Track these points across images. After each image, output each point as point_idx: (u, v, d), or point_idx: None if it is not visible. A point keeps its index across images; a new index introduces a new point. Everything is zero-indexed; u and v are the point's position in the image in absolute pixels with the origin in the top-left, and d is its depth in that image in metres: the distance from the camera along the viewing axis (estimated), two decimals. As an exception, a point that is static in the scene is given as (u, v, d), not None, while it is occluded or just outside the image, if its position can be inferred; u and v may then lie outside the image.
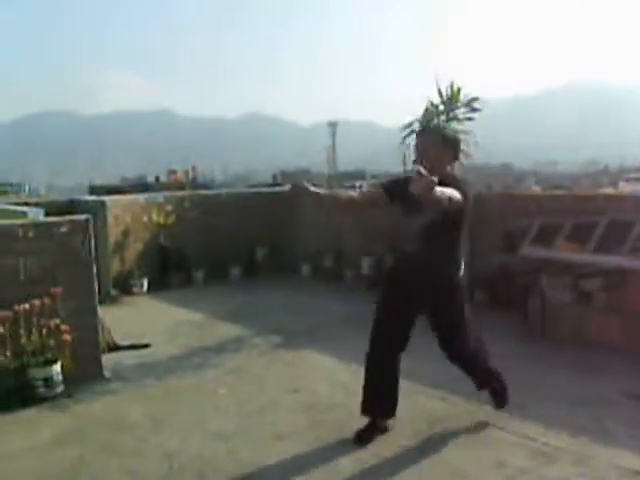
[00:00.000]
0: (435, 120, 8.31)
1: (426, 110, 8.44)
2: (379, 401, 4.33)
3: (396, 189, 4.12)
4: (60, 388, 5.22)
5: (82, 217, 5.70)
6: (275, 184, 25.83)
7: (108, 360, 5.96)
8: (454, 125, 8.39)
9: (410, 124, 8.52)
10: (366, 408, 4.34)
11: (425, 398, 4.95)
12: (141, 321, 7.87)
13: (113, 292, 9.02)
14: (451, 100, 8.26)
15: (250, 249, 10.79)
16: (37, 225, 5.50)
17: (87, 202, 9.82)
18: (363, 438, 4.22)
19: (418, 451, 4.08)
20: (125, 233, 9.71)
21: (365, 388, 4.35)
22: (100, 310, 5.90)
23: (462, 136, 8.38)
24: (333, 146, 60.46)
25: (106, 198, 9.83)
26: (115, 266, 9.49)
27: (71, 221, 5.59)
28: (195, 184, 29.32)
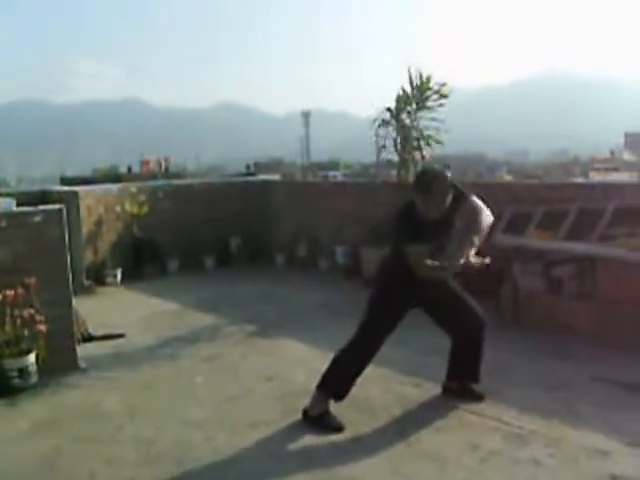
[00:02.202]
0: (407, 109, 8.38)
1: (397, 100, 8.51)
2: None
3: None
4: (35, 378, 5.20)
5: (55, 207, 5.67)
6: (248, 174, 25.72)
7: (83, 350, 5.95)
8: (424, 114, 8.48)
9: (384, 113, 8.59)
10: (345, 394, 4.42)
11: (399, 385, 5.00)
12: (115, 311, 7.85)
13: (86, 283, 8.96)
14: (421, 88, 8.33)
15: (224, 239, 10.78)
16: (10, 215, 5.46)
17: (59, 192, 9.73)
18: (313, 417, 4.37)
19: (394, 436, 4.14)
20: (98, 223, 9.65)
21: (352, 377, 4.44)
22: (74, 300, 5.87)
23: (434, 124, 8.50)
24: (307, 136, 60.48)
25: (78, 188, 9.75)
26: (88, 257, 9.43)
27: (44, 211, 5.56)
28: (168, 174, 29.12)
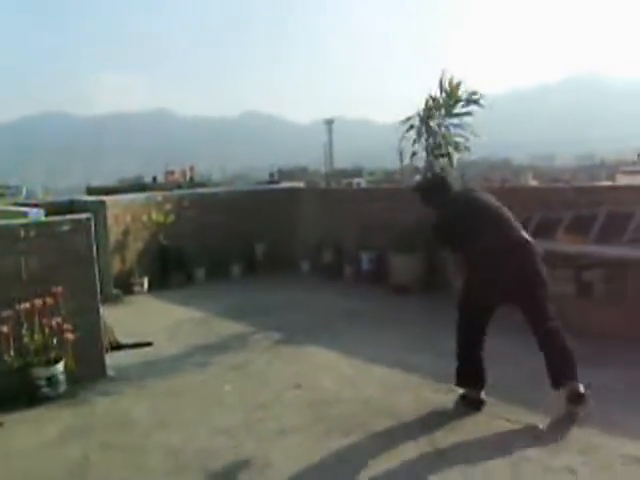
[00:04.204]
0: (436, 114, 8.32)
1: (426, 105, 8.45)
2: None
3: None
4: (64, 387, 5.23)
5: (83, 216, 5.70)
6: (272, 182, 25.80)
7: (111, 359, 5.97)
8: (453, 120, 8.42)
9: (409, 119, 8.54)
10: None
11: (430, 392, 4.94)
12: (143, 320, 7.88)
13: (114, 291, 9.01)
14: (450, 95, 8.27)
15: (249, 246, 10.79)
16: (38, 225, 5.51)
17: (87, 202, 9.81)
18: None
19: (426, 443, 4.08)
20: (125, 233, 9.72)
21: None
22: (102, 309, 5.90)
23: (461, 131, 8.44)
24: (330, 144, 60.41)
25: (106, 198, 9.83)
26: (116, 265, 9.49)
27: (72, 220, 5.60)
28: (192, 184, 29.33)
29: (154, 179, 38.77)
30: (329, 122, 63.64)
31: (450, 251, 5.22)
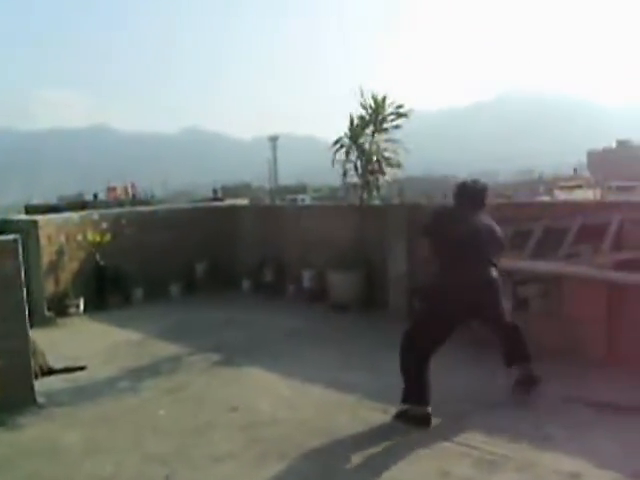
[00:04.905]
0: (366, 131, 8.34)
1: (351, 124, 8.48)
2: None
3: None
4: (-11, 416, 5.00)
5: (10, 237, 5.48)
6: (215, 199, 25.60)
7: (42, 385, 5.74)
8: (384, 136, 8.45)
9: (339, 139, 8.59)
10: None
11: (367, 411, 4.90)
12: (77, 343, 7.63)
13: (48, 314, 8.71)
14: (376, 111, 8.30)
15: (189, 266, 10.60)
16: (-39, 246, 5.27)
17: (18, 222, 9.51)
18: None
19: (362, 464, 4.04)
20: (59, 253, 9.41)
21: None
22: (32, 333, 5.67)
23: (391, 145, 8.48)
24: (274, 160, 60.55)
25: (38, 217, 9.54)
26: (49, 287, 9.18)
27: (-3, 241, 5.38)
28: (135, 201, 28.94)
29: (95, 196, 38.20)
30: (273, 139, 63.94)
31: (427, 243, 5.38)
